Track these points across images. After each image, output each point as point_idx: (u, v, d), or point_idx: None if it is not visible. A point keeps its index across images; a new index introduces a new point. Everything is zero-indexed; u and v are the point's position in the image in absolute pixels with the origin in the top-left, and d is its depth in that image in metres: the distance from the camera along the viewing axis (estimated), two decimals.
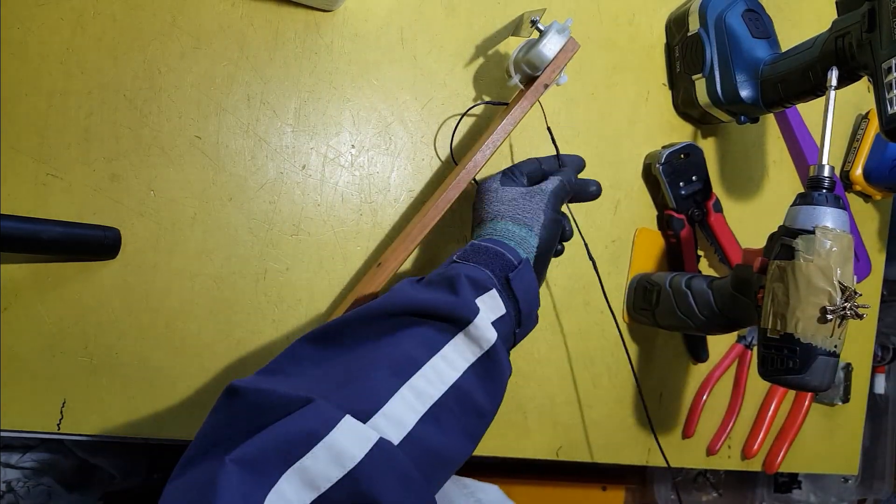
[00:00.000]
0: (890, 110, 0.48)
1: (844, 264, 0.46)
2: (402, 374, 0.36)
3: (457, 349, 0.39)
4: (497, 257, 0.45)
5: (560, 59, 0.55)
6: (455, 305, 0.40)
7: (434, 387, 0.37)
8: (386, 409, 0.34)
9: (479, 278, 0.43)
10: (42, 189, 0.48)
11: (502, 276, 0.44)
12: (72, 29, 0.49)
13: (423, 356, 0.38)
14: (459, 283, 0.41)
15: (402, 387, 0.36)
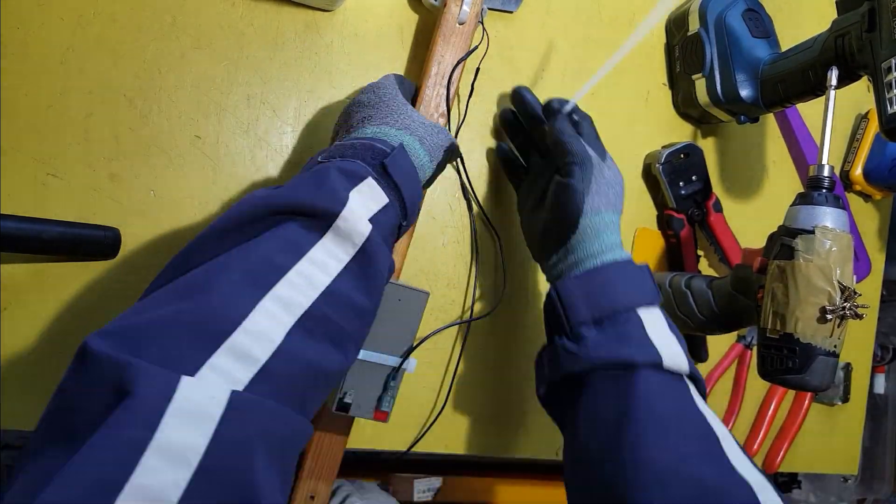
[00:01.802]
0: (890, 110, 0.48)
1: (844, 264, 0.46)
2: (262, 283, 0.32)
3: (326, 250, 0.35)
4: (367, 148, 0.41)
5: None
6: (319, 197, 0.36)
7: (303, 294, 0.33)
8: (247, 324, 0.30)
9: (350, 168, 0.39)
10: (42, 189, 0.48)
11: (377, 164, 0.40)
12: (72, 29, 0.49)
13: (286, 261, 0.34)
14: (327, 174, 0.37)
15: (263, 298, 0.32)
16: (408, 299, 0.49)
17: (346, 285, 0.35)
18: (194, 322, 0.29)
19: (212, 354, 0.29)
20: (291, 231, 0.35)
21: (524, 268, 0.64)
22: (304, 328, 0.32)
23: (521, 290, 0.64)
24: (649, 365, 0.42)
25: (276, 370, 0.30)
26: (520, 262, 0.64)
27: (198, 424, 0.26)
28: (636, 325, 0.44)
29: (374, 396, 0.49)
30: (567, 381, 0.46)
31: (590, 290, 0.45)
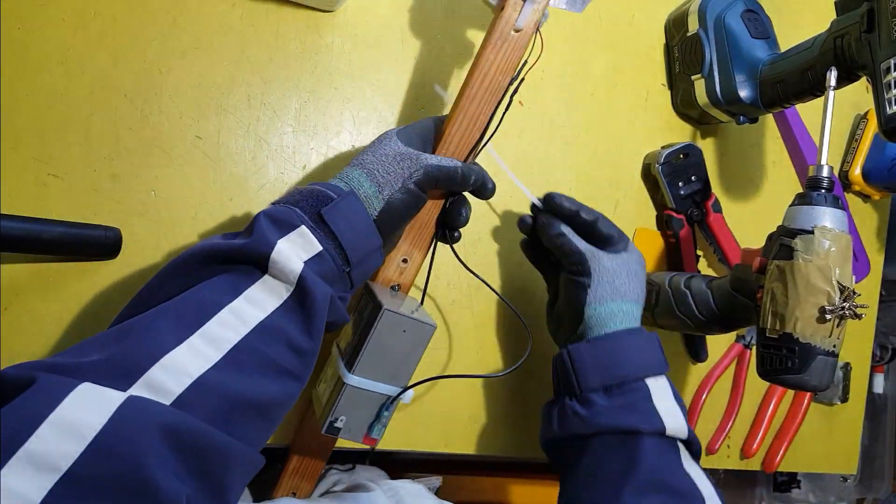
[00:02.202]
0: (889, 110, 0.48)
1: (843, 264, 0.46)
2: (191, 322, 0.34)
3: (265, 288, 0.37)
4: (310, 195, 0.42)
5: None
6: (249, 244, 0.37)
7: (233, 330, 0.34)
8: (165, 361, 0.31)
9: (281, 216, 0.39)
10: (42, 189, 0.48)
11: (314, 213, 0.41)
12: (72, 29, 0.49)
13: (220, 299, 0.35)
14: (256, 224, 0.39)
15: (191, 335, 0.33)
16: (412, 331, 0.48)
17: (281, 321, 0.37)
18: (116, 362, 0.31)
19: (128, 388, 0.30)
20: (229, 276, 0.37)
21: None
22: (231, 361, 0.33)
23: (525, 295, 0.64)
24: (652, 433, 0.46)
25: (191, 402, 0.31)
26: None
27: (97, 408, 0.27)
28: (644, 395, 0.47)
29: (365, 423, 0.47)
30: (572, 440, 0.49)
31: (601, 357, 0.48)
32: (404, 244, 0.52)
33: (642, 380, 0.48)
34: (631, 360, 0.48)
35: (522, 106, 0.65)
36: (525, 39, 0.49)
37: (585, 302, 0.50)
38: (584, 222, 0.52)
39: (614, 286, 0.50)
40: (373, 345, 0.46)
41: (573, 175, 0.67)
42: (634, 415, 0.46)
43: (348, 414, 0.47)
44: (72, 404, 0.27)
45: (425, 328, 0.48)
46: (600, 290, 0.50)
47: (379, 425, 0.48)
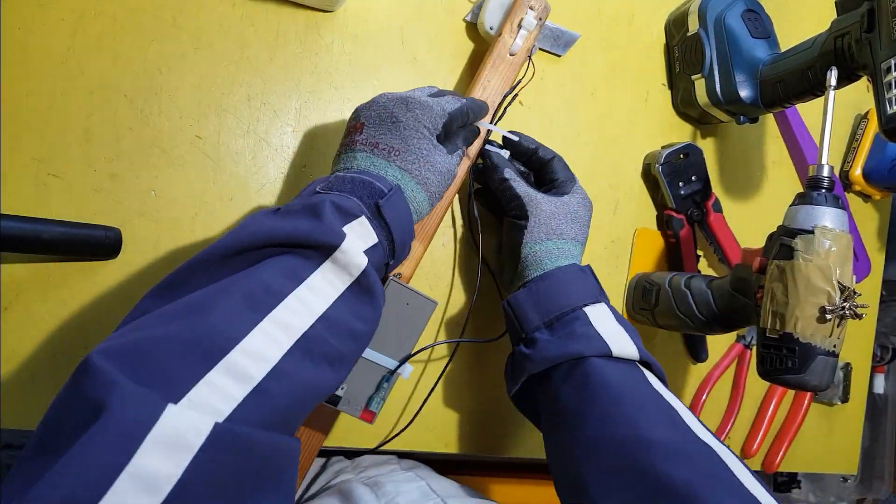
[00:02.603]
0: (889, 110, 0.48)
1: (843, 264, 0.46)
2: (260, 307, 0.33)
3: (325, 277, 0.37)
4: (364, 185, 0.42)
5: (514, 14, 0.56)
6: (318, 231, 0.37)
7: (301, 319, 0.34)
8: (244, 344, 0.31)
9: (345, 205, 0.40)
10: (43, 189, 0.48)
11: (371, 203, 0.42)
12: (72, 29, 0.49)
13: (285, 287, 0.35)
14: (323, 210, 0.38)
15: (262, 320, 0.33)
16: (415, 305, 0.50)
17: (342, 311, 0.37)
18: (192, 340, 0.30)
19: (208, 372, 0.29)
20: (290, 261, 0.36)
21: None
22: (302, 349, 0.34)
23: None
24: (599, 355, 0.46)
25: (271, 390, 0.31)
26: None
27: (174, 454, 0.26)
28: (583, 322, 0.48)
29: (365, 395, 0.49)
30: (530, 382, 0.50)
31: (538, 297, 0.50)
32: None
33: (580, 308, 0.48)
34: (566, 292, 0.49)
35: (523, 106, 0.65)
36: (518, 62, 0.57)
37: (522, 242, 0.52)
38: (541, 159, 0.56)
39: (550, 227, 0.52)
40: None
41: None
42: (576, 341, 0.46)
43: (349, 383, 0.48)
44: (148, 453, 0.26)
45: (427, 303, 0.50)
46: (536, 231, 0.52)
47: (378, 398, 0.49)
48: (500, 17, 0.59)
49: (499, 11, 0.59)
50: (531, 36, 0.57)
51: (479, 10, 0.60)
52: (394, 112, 0.45)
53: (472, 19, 0.61)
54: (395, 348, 0.49)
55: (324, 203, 0.39)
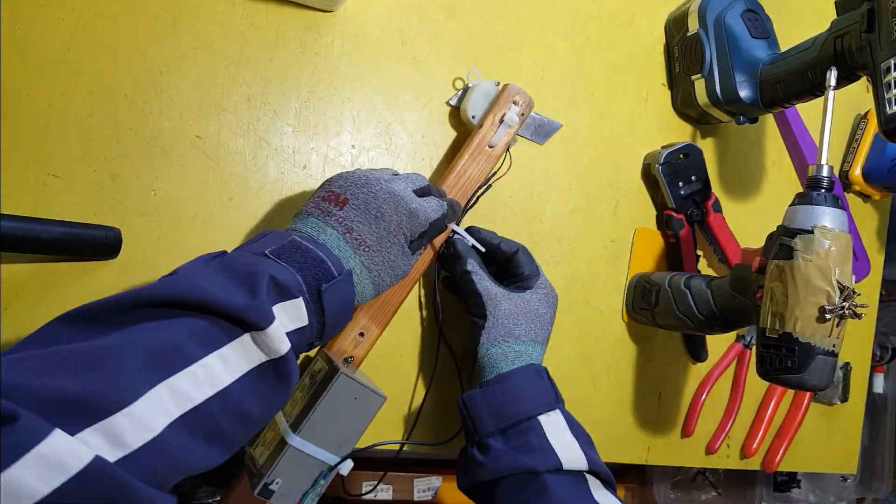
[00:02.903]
0: (889, 110, 0.48)
1: (843, 264, 0.46)
2: (163, 368, 0.32)
3: (240, 350, 0.36)
4: (315, 265, 0.41)
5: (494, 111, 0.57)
6: (248, 309, 0.36)
7: (199, 390, 0.33)
8: (132, 409, 0.30)
9: (286, 283, 0.39)
10: (43, 189, 0.48)
11: (314, 286, 0.41)
12: (73, 29, 0.49)
13: (195, 352, 0.34)
14: (260, 284, 0.37)
15: (159, 384, 0.32)
16: (363, 399, 0.48)
17: (244, 390, 0.36)
18: (83, 395, 0.29)
19: (83, 429, 0.29)
20: (210, 326, 0.35)
21: None
22: (186, 422, 0.32)
23: None
24: (551, 470, 0.46)
25: (143, 459, 0.30)
26: None
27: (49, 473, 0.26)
28: (538, 433, 0.47)
29: (300, 489, 0.46)
30: (479, 487, 0.49)
31: (493, 401, 0.49)
32: (363, 318, 0.53)
33: (535, 417, 0.48)
34: (521, 399, 0.49)
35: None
36: (497, 154, 0.58)
37: (479, 342, 0.51)
38: (504, 253, 0.55)
39: (508, 327, 0.51)
40: (323, 408, 0.46)
41: (573, 175, 0.67)
42: (530, 454, 0.46)
43: (286, 477, 0.45)
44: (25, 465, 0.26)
45: (375, 398, 0.48)
46: (494, 332, 0.51)
47: (313, 494, 0.47)
48: (483, 107, 0.58)
49: (483, 102, 0.58)
50: (512, 131, 0.57)
51: (464, 96, 0.59)
52: (381, 208, 0.45)
53: (455, 104, 0.61)
54: (336, 443, 0.47)
55: (263, 277, 0.38)
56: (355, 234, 0.44)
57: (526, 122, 0.62)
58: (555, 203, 0.66)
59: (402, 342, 0.59)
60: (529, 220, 0.65)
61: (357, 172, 0.47)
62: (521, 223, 0.64)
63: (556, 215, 0.66)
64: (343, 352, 0.52)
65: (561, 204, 0.66)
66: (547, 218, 0.66)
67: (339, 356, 0.52)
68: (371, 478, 0.81)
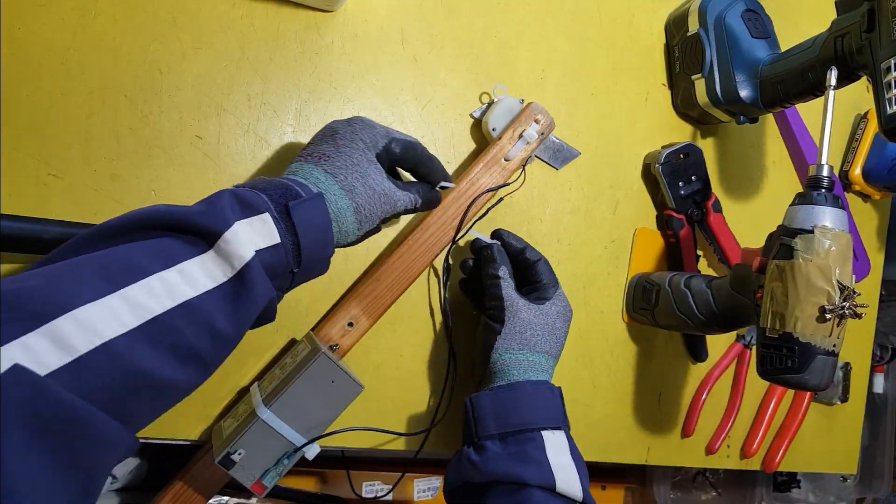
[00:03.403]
0: (889, 110, 0.48)
1: (843, 264, 0.46)
2: (115, 279, 0.31)
3: (202, 265, 0.35)
4: (280, 186, 0.40)
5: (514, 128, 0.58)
6: (203, 215, 0.35)
7: (157, 301, 0.32)
8: (78, 312, 0.29)
9: (248, 199, 0.38)
10: (43, 189, 0.48)
11: (281, 204, 0.39)
12: (73, 29, 0.49)
13: (151, 266, 0.33)
14: (219, 198, 0.37)
15: (111, 293, 0.30)
16: (340, 384, 0.47)
17: (210, 305, 0.34)
18: (24, 298, 0.28)
19: (29, 332, 0.28)
20: (169, 243, 0.35)
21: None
22: (145, 333, 0.31)
23: None
24: (543, 487, 0.44)
25: (95, 366, 0.29)
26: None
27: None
28: (538, 446, 0.47)
29: (262, 466, 0.45)
30: (467, 488, 0.48)
31: (500, 405, 0.48)
32: (355, 308, 0.53)
33: (538, 430, 0.47)
34: (529, 409, 0.48)
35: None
36: (511, 168, 0.58)
37: (493, 347, 0.51)
38: (527, 260, 0.55)
39: (524, 337, 0.51)
40: (299, 385, 0.45)
41: (573, 175, 0.67)
42: (525, 465, 0.45)
43: (249, 449, 0.44)
44: None
45: (353, 386, 0.47)
46: (510, 339, 0.51)
47: (274, 473, 0.46)
48: (504, 121, 0.59)
49: (505, 116, 0.60)
50: (530, 147, 0.58)
51: (487, 110, 0.61)
52: (334, 127, 0.46)
53: (478, 116, 0.62)
54: (307, 425, 0.46)
55: (223, 194, 0.37)
56: (314, 154, 0.44)
57: (545, 144, 0.63)
58: (555, 203, 0.66)
59: (401, 342, 0.59)
60: (530, 220, 0.65)
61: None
62: (522, 223, 0.64)
63: (556, 215, 0.66)
64: (330, 339, 0.52)
65: (561, 204, 0.66)
66: (547, 218, 0.66)
67: (325, 342, 0.52)
68: (371, 478, 0.81)
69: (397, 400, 0.59)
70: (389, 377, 0.58)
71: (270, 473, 0.46)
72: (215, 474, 0.51)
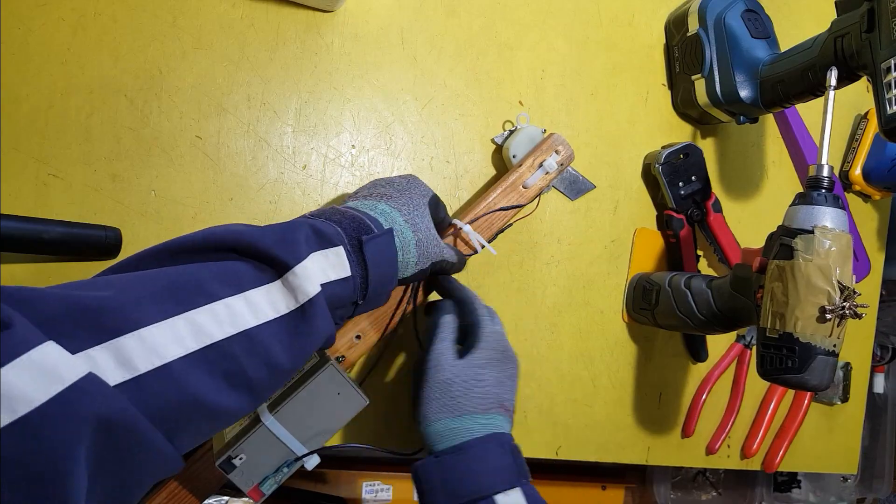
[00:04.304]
0: (889, 110, 0.48)
1: (843, 264, 0.46)
2: (183, 301, 0.32)
3: (268, 295, 0.35)
4: (354, 219, 0.41)
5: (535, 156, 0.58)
6: (277, 245, 0.35)
7: (220, 327, 0.32)
8: (143, 332, 0.29)
9: (326, 232, 0.38)
10: (43, 189, 0.48)
11: (355, 238, 0.40)
12: (73, 29, 0.49)
13: (220, 290, 0.33)
14: (297, 229, 0.37)
15: (176, 315, 0.31)
16: (346, 396, 0.47)
17: (269, 336, 0.35)
18: (97, 309, 0.29)
19: (95, 345, 0.28)
20: (239, 268, 0.35)
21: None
22: (203, 358, 0.32)
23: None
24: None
25: (151, 386, 0.29)
26: None
27: (45, 382, 0.25)
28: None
29: (262, 472, 0.45)
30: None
31: (446, 476, 0.44)
32: (364, 321, 0.53)
33: (490, 497, 0.43)
34: (479, 473, 0.44)
35: (523, 106, 0.65)
36: (529, 196, 0.58)
37: (418, 421, 0.46)
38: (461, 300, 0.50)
39: (441, 402, 0.45)
40: (305, 394, 0.45)
41: None
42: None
43: (251, 454, 0.44)
44: (18, 370, 0.25)
45: (358, 399, 0.47)
46: (426, 408, 0.46)
47: (272, 481, 0.46)
48: (525, 149, 0.60)
49: (526, 145, 0.60)
50: (548, 177, 0.59)
51: (509, 137, 0.61)
52: (387, 179, 0.48)
53: (500, 142, 0.63)
54: (309, 434, 0.46)
55: (302, 224, 0.38)
56: (375, 194, 0.46)
57: (562, 174, 0.64)
58: (555, 203, 0.66)
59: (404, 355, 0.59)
60: (530, 219, 0.65)
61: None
62: (522, 223, 0.64)
63: (556, 215, 0.66)
64: (336, 351, 0.52)
65: (561, 204, 0.66)
66: (547, 218, 0.66)
67: (332, 353, 0.52)
68: (371, 478, 0.81)
69: (392, 413, 0.59)
70: (390, 390, 0.58)
71: (269, 481, 0.46)
72: (213, 476, 0.51)
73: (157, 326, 0.30)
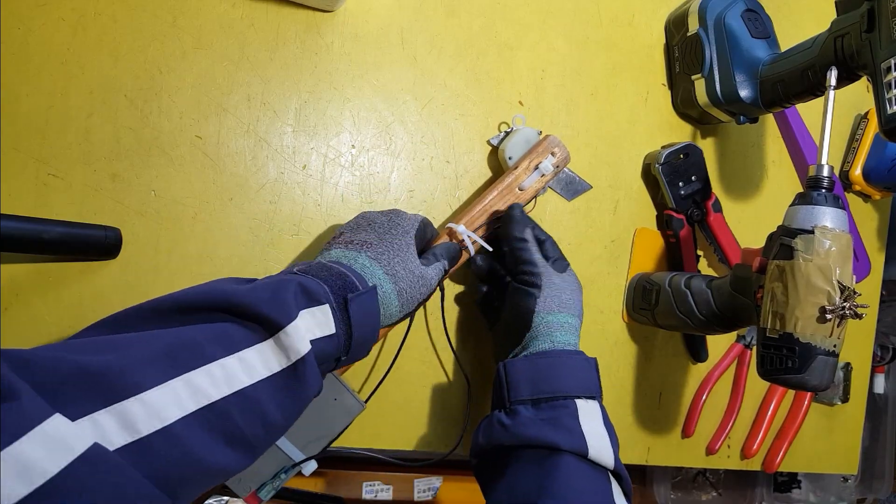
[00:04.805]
0: (889, 110, 0.48)
1: (843, 264, 0.46)
2: (181, 364, 0.33)
3: (260, 354, 0.36)
4: (339, 277, 0.42)
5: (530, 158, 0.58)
6: (269, 305, 0.37)
7: (216, 387, 0.34)
8: (145, 395, 0.31)
9: (313, 289, 0.40)
10: (43, 189, 0.48)
11: (340, 296, 0.42)
12: (73, 29, 0.49)
13: (215, 352, 0.34)
14: (285, 288, 0.38)
15: (175, 378, 0.32)
16: (343, 401, 0.47)
17: (263, 394, 0.36)
18: (101, 374, 0.30)
19: (101, 409, 0.29)
20: (232, 329, 0.36)
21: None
22: (202, 418, 0.33)
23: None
24: (574, 452, 0.44)
25: (154, 448, 0.30)
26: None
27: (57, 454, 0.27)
28: (571, 413, 0.46)
29: (259, 479, 0.45)
30: (497, 451, 0.48)
31: (534, 371, 0.48)
32: None
33: (572, 398, 0.47)
34: (564, 377, 0.48)
35: (523, 105, 0.65)
36: (524, 198, 0.58)
37: (534, 311, 0.51)
38: (538, 237, 0.56)
39: (561, 299, 0.52)
40: None
41: None
42: (557, 430, 0.45)
43: None
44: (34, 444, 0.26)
45: (355, 404, 0.48)
46: (549, 301, 0.52)
47: (270, 487, 0.46)
48: (521, 151, 0.60)
49: (522, 147, 0.60)
50: (544, 179, 0.58)
51: (504, 138, 0.61)
52: (370, 217, 0.49)
53: (496, 144, 0.62)
54: (306, 440, 0.46)
55: (291, 282, 0.39)
56: (356, 242, 0.47)
57: (559, 176, 0.64)
58: (554, 203, 0.66)
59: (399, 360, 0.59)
60: None
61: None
62: None
63: (556, 215, 0.66)
64: None
65: (560, 204, 0.66)
66: (547, 218, 0.66)
67: None
68: (371, 478, 0.81)
69: (396, 416, 0.59)
70: (388, 395, 0.58)
71: (267, 487, 0.46)
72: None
73: (158, 389, 0.31)
